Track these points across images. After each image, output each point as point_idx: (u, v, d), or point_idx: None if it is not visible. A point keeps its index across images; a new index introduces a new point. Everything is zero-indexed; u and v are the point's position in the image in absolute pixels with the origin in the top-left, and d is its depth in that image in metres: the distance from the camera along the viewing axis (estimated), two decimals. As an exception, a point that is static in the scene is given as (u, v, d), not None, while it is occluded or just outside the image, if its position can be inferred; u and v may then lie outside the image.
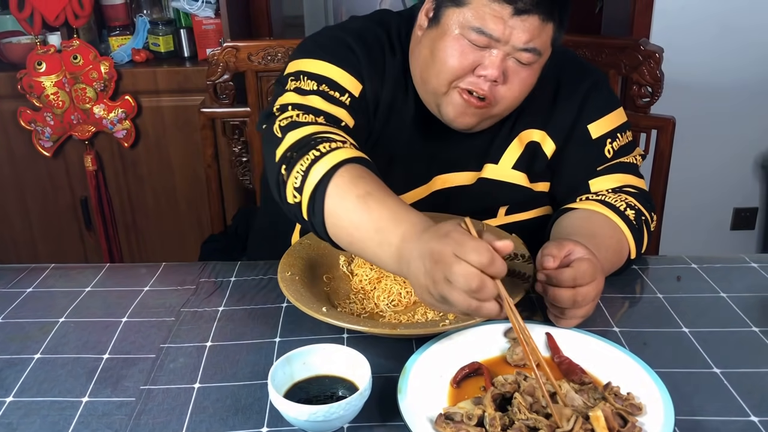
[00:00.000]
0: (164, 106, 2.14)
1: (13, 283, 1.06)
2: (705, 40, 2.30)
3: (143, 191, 2.25)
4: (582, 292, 0.83)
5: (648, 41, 1.42)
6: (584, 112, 1.08)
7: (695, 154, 2.39)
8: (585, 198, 1.05)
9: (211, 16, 2.14)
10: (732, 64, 2.32)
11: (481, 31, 0.93)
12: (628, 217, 1.00)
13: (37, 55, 2.05)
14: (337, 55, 1.03)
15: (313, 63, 1.02)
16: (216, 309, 0.97)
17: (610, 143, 1.08)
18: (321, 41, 1.07)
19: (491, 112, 1.00)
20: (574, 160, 1.09)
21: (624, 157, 1.09)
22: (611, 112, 1.09)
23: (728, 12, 2.27)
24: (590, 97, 1.09)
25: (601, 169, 1.07)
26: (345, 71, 1.01)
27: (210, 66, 1.49)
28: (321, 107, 0.98)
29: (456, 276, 0.70)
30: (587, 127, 1.08)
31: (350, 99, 1.01)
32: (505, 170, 1.09)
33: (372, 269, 0.99)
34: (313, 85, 1.00)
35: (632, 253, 1.00)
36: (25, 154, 2.18)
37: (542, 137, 1.09)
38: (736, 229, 2.58)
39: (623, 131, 1.10)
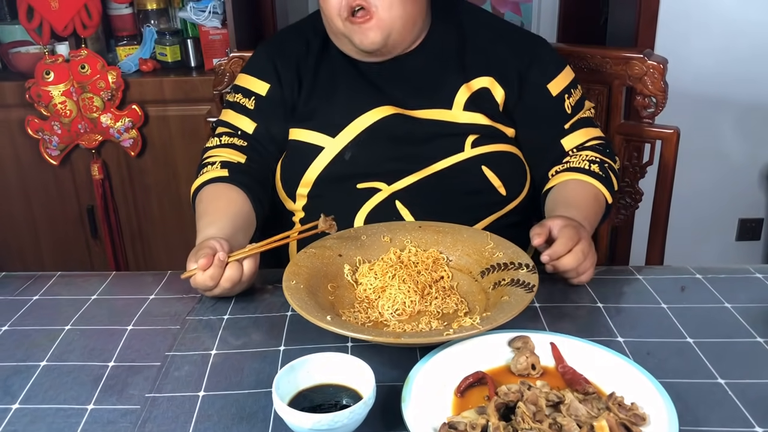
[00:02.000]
0: (171, 116, 2.15)
1: (20, 291, 1.07)
2: (710, 52, 2.30)
3: (149, 200, 2.26)
4: (578, 249, 0.99)
5: (652, 52, 1.42)
6: (538, 71, 1.23)
7: (700, 164, 2.39)
8: (555, 172, 1.22)
9: (217, 27, 2.16)
10: (737, 76, 2.33)
11: None
12: (593, 172, 1.18)
13: (45, 65, 2.07)
14: (250, 66, 1.29)
15: (239, 77, 1.30)
16: (221, 317, 0.97)
17: (568, 98, 1.24)
18: (248, 61, 1.32)
19: (382, 22, 1.14)
20: (539, 116, 1.24)
21: (581, 112, 1.25)
22: (563, 70, 1.25)
23: (733, 23, 2.28)
24: (538, 54, 1.25)
25: (568, 128, 1.24)
26: (253, 77, 1.27)
27: (216, 76, 1.50)
28: (229, 120, 1.27)
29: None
30: (547, 86, 1.23)
31: (255, 100, 1.25)
32: (459, 113, 1.21)
33: (376, 278, 1.00)
34: (234, 97, 1.27)
35: (608, 198, 1.18)
36: (32, 162, 2.20)
37: (490, 83, 1.22)
38: (742, 239, 2.57)
39: (575, 87, 1.26)
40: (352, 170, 1.19)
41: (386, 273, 1.00)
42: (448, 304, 0.97)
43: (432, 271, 1.02)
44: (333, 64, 1.25)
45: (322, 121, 1.22)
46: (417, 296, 0.96)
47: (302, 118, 1.24)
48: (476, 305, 0.97)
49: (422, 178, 1.18)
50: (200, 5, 2.14)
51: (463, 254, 1.06)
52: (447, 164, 1.19)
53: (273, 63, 1.26)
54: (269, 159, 1.26)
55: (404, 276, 0.99)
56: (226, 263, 0.97)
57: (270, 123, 1.25)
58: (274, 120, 1.25)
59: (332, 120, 1.21)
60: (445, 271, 1.03)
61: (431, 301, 0.97)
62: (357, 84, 1.23)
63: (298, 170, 1.22)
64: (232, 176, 1.17)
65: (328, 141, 1.20)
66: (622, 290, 1.04)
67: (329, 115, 1.22)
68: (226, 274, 0.97)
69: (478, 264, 1.03)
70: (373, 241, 1.08)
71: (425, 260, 1.04)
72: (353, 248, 1.06)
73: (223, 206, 1.13)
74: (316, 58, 1.26)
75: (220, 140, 1.24)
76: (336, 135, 1.20)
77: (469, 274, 1.03)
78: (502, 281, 0.96)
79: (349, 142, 1.20)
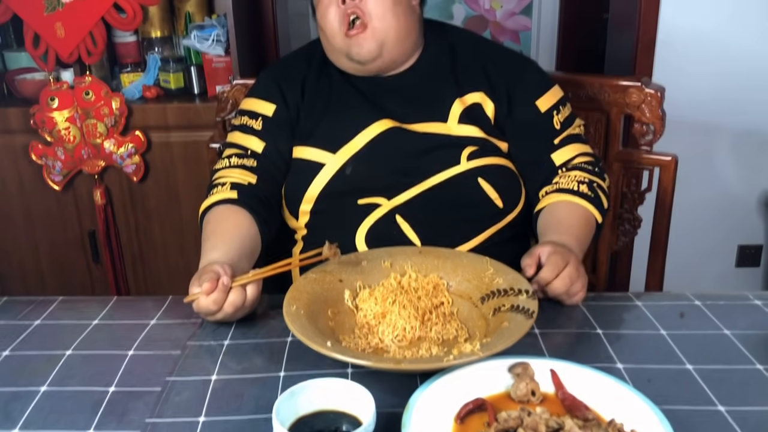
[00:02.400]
0: (173, 142, 2.17)
1: (22, 316, 1.07)
2: (706, 79, 2.32)
3: (151, 225, 2.27)
4: (566, 274, 1.02)
5: (650, 81, 1.44)
6: (526, 87, 1.27)
7: (699, 191, 2.40)
8: (545, 192, 1.24)
9: (221, 55, 2.18)
10: (733, 103, 2.35)
11: None
12: (582, 192, 1.20)
13: (50, 91, 2.09)
14: (255, 90, 1.33)
15: (244, 101, 1.34)
16: (221, 343, 0.98)
17: (556, 114, 1.28)
18: (252, 86, 1.36)
19: (377, 33, 1.20)
20: (529, 132, 1.27)
21: (570, 128, 1.28)
22: (551, 89, 1.29)
23: (729, 51, 2.30)
24: (526, 72, 1.30)
25: (558, 143, 1.27)
26: (259, 99, 1.30)
27: (219, 102, 1.52)
28: (238, 141, 1.28)
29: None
30: (535, 103, 1.27)
31: (262, 121, 1.28)
32: (454, 126, 1.25)
33: (377, 304, 1.00)
34: (240, 120, 1.30)
35: (597, 217, 1.20)
36: (36, 187, 2.21)
37: (481, 98, 1.26)
38: (741, 266, 2.57)
39: (563, 104, 1.30)
40: (352, 185, 1.22)
41: (387, 298, 1.00)
42: (448, 330, 0.97)
43: (432, 296, 1.03)
44: (332, 83, 1.30)
45: (322, 137, 1.25)
46: (417, 322, 0.97)
47: (303, 135, 1.27)
48: (476, 331, 0.97)
49: (421, 192, 1.21)
50: (204, 33, 2.17)
51: (463, 280, 1.06)
52: (444, 177, 1.21)
53: (278, 84, 1.30)
54: (279, 178, 1.27)
55: (405, 302, 0.99)
56: (230, 288, 0.98)
57: (278, 142, 1.27)
58: (282, 139, 1.27)
59: (333, 136, 1.24)
60: (445, 297, 1.03)
61: (431, 327, 0.97)
62: (355, 100, 1.27)
63: (300, 187, 1.24)
64: (241, 198, 1.18)
65: (329, 157, 1.23)
66: (621, 316, 1.05)
67: (329, 132, 1.25)
68: (229, 299, 0.97)
69: (478, 290, 1.04)
70: (373, 266, 1.09)
71: (426, 286, 1.04)
72: (354, 273, 1.07)
73: (229, 229, 1.14)
74: (317, 77, 1.30)
75: (230, 161, 1.26)
76: (337, 151, 1.23)
77: (469, 299, 1.04)
78: (502, 307, 0.97)
79: (349, 158, 1.22)
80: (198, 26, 2.20)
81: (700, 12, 2.27)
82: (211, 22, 2.21)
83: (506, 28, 3.54)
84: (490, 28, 3.54)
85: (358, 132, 1.23)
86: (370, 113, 1.25)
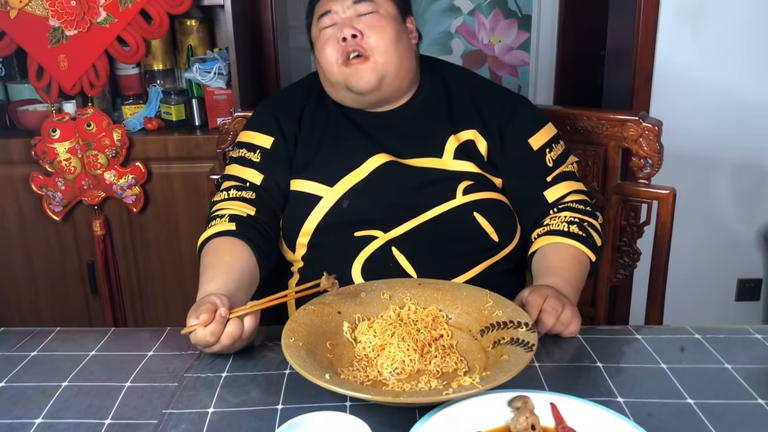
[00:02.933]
0: (174, 173, 2.18)
1: (18, 347, 1.07)
2: (703, 113, 2.35)
3: (150, 256, 2.27)
4: (549, 307, 1.03)
5: (647, 115, 1.45)
6: (518, 126, 1.29)
7: (697, 224, 2.41)
8: (537, 235, 1.25)
9: (222, 87, 2.21)
10: (730, 137, 2.36)
11: (324, 14, 1.25)
12: (573, 233, 1.21)
13: (52, 122, 2.11)
14: (252, 123, 1.34)
15: (242, 134, 1.34)
16: (219, 375, 0.97)
17: (549, 152, 1.29)
18: (249, 119, 1.36)
19: (378, 65, 1.22)
20: (522, 169, 1.28)
21: (563, 165, 1.30)
22: (544, 126, 1.31)
23: (727, 85, 2.33)
24: (518, 111, 1.31)
25: (551, 180, 1.28)
26: (256, 132, 1.31)
27: (220, 134, 1.53)
28: (236, 174, 1.29)
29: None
30: (528, 141, 1.29)
31: (260, 153, 1.28)
32: (449, 161, 1.26)
33: (375, 336, 1.00)
34: (238, 153, 1.31)
35: (590, 256, 1.21)
36: (35, 218, 2.21)
37: (474, 135, 1.28)
38: (741, 300, 2.57)
39: (556, 142, 1.31)
40: (349, 218, 1.22)
41: (385, 331, 1.00)
42: (447, 363, 0.97)
43: (431, 329, 1.02)
44: (329, 116, 1.31)
45: (319, 171, 1.25)
46: (416, 355, 0.96)
47: (300, 168, 1.27)
48: (476, 364, 0.96)
49: (417, 225, 1.22)
50: (206, 66, 2.19)
51: (462, 312, 1.06)
52: (440, 211, 1.22)
53: (275, 117, 1.31)
54: (277, 210, 1.28)
55: (404, 334, 0.99)
56: (227, 319, 0.97)
57: (276, 174, 1.28)
58: (280, 171, 1.28)
59: (329, 169, 1.25)
60: (444, 330, 1.03)
61: (431, 359, 0.97)
62: (352, 134, 1.29)
63: (298, 220, 1.25)
64: (239, 230, 1.18)
65: (326, 190, 1.24)
66: (621, 350, 1.04)
67: (326, 165, 1.26)
68: (226, 331, 0.97)
69: (477, 322, 1.03)
70: (372, 298, 1.08)
71: (425, 318, 1.04)
72: (352, 305, 1.07)
73: (227, 261, 1.14)
74: (314, 109, 1.32)
75: (228, 193, 1.26)
76: (334, 184, 1.24)
77: (468, 332, 1.03)
78: (501, 340, 0.96)
79: (346, 191, 1.23)
80: (200, 59, 2.23)
81: (696, 47, 2.30)
82: (213, 55, 2.24)
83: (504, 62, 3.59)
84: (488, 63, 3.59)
85: (355, 166, 1.24)
86: (366, 147, 1.26)
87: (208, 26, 2.35)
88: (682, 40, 2.29)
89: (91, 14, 2.02)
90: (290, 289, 1.10)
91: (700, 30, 2.29)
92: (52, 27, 2.03)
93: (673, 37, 2.29)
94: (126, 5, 2.01)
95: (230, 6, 2.10)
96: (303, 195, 1.25)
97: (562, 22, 3.36)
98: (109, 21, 2.03)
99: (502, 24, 3.51)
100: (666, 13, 2.27)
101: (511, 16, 3.49)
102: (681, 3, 2.26)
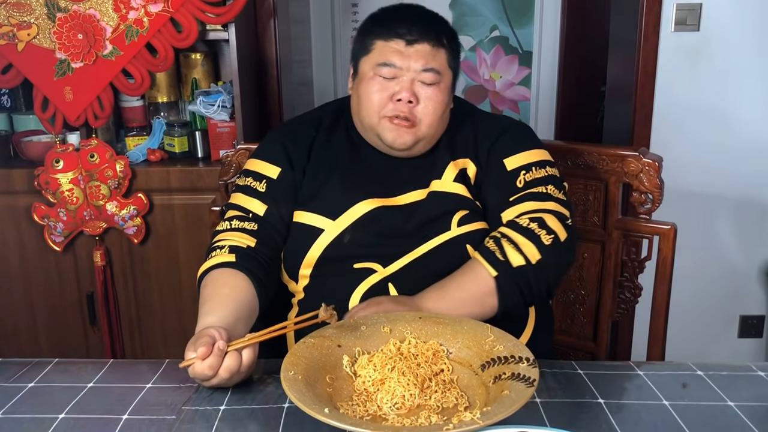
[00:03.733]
0: (176, 204, 2.19)
1: (15, 378, 1.06)
2: (705, 149, 2.36)
3: (149, 288, 2.26)
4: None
5: (647, 150, 1.46)
6: (500, 146, 1.28)
7: (699, 260, 2.40)
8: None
9: (226, 120, 2.22)
10: (731, 173, 2.38)
11: (386, 65, 1.22)
12: (482, 246, 1.18)
13: (55, 153, 2.12)
14: (261, 151, 1.34)
15: (250, 162, 1.34)
16: (217, 408, 0.96)
17: (524, 174, 1.25)
18: (258, 147, 1.36)
19: (419, 132, 1.23)
20: (493, 190, 1.27)
21: (536, 188, 1.23)
22: (529, 150, 1.28)
23: (727, 122, 2.34)
24: (506, 133, 1.30)
25: (512, 200, 1.23)
26: (263, 161, 1.31)
27: (223, 166, 1.54)
28: (240, 203, 1.28)
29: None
30: (503, 161, 1.27)
31: (266, 183, 1.28)
32: (449, 183, 1.26)
33: (375, 370, 0.99)
34: (245, 181, 1.30)
35: (489, 271, 1.14)
36: (36, 248, 2.21)
37: (467, 163, 1.29)
38: (744, 336, 2.55)
39: (541, 166, 1.26)
40: (350, 252, 1.23)
41: (386, 365, 0.99)
42: (448, 398, 0.96)
43: (432, 363, 1.01)
44: (338, 152, 1.31)
45: (323, 204, 1.26)
46: (417, 389, 0.95)
47: (305, 200, 1.28)
48: (476, 399, 0.95)
49: (413, 260, 1.23)
50: (209, 99, 2.22)
51: (463, 346, 1.05)
52: (436, 244, 1.23)
53: (284, 147, 1.31)
54: (279, 241, 1.28)
55: (404, 368, 0.98)
56: (226, 352, 0.97)
57: (280, 205, 1.28)
58: (285, 203, 1.28)
59: (333, 204, 1.26)
60: (445, 364, 1.02)
61: (431, 394, 0.96)
62: (359, 171, 1.29)
63: (300, 251, 1.25)
64: (239, 262, 1.18)
65: (329, 223, 1.24)
66: (623, 386, 1.03)
67: (330, 199, 1.26)
68: (224, 364, 0.96)
69: (478, 357, 1.03)
70: (372, 332, 1.08)
71: (425, 352, 1.03)
72: (352, 339, 1.06)
73: (226, 293, 1.14)
74: (324, 143, 1.32)
75: (231, 224, 1.26)
76: (336, 218, 1.24)
77: (469, 367, 1.03)
78: (502, 375, 0.96)
79: (348, 226, 1.24)
80: (204, 92, 2.25)
81: (696, 84, 2.32)
82: (217, 88, 2.26)
83: (506, 97, 3.62)
84: (489, 98, 3.62)
85: (356, 201, 1.25)
86: (369, 188, 1.27)
87: (213, 60, 2.38)
88: (682, 77, 2.32)
89: (98, 47, 2.05)
90: (289, 321, 1.09)
91: (699, 66, 2.31)
92: (59, 59, 2.05)
93: (673, 74, 2.31)
94: (132, 39, 2.04)
95: (235, 40, 2.13)
96: (306, 227, 1.26)
97: (563, 58, 3.40)
98: (115, 54, 2.06)
99: (503, 60, 3.55)
100: (665, 49, 2.30)
101: (512, 53, 3.53)
102: (680, 40, 2.29)
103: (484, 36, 3.52)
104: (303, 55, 3.42)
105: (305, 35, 3.44)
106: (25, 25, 2.03)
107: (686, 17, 2.27)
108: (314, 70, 3.49)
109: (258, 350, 1.01)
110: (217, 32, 2.14)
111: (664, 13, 2.26)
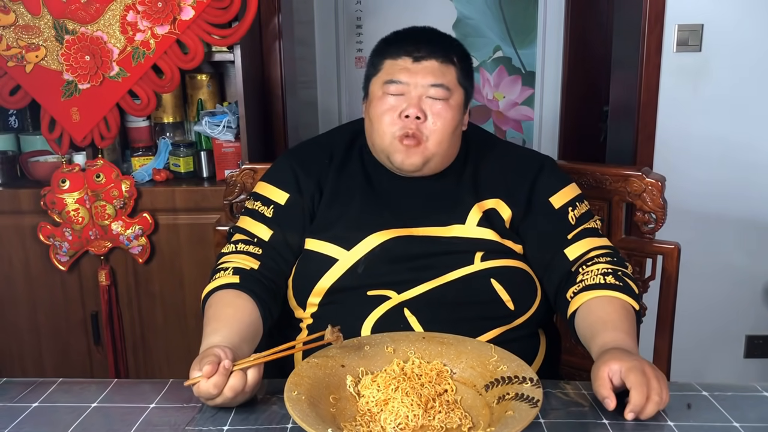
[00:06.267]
0: (180, 224, 2.19)
1: (19, 398, 1.06)
2: (707, 169, 2.37)
3: (154, 308, 2.27)
4: (654, 392, 0.94)
5: (650, 170, 1.47)
6: (542, 187, 1.29)
7: (704, 280, 2.40)
8: (572, 294, 1.18)
9: (231, 140, 2.24)
10: (734, 192, 2.38)
11: (393, 81, 1.22)
12: (611, 284, 1.16)
13: (61, 173, 2.14)
14: (271, 175, 1.33)
15: (259, 185, 1.34)
16: (220, 428, 0.96)
17: (572, 210, 1.27)
18: (269, 169, 1.36)
19: (428, 151, 1.22)
20: (543, 229, 1.26)
21: (586, 223, 1.27)
22: (566, 186, 1.30)
23: (730, 142, 2.35)
24: (543, 171, 1.30)
25: (571, 237, 1.25)
26: (274, 187, 1.31)
27: (228, 186, 1.55)
28: (247, 227, 1.29)
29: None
30: (549, 200, 1.27)
31: (274, 209, 1.28)
32: (472, 228, 1.25)
33: (379, 390, 0.99)
34: (253, 205, 1.31)
35: (634, 305, 1.15)
36: (41, 268, 2.22)
37: (497, 203, 1.27)
38: (750, 357, 2.54)
39: (580, 201, 1.30)
40: (364, 281, 1.21)
41: (389, 385, 0.99)
42: (451, 418, 0.95)
43: (436, 383, 1.01)
44: (353, 180, 1.30)
45: (337, 233, 1.25)
46: (420, 410, 0.95)
47: (318, 229, 1.27)
48: (480, 420, 0.95)
49: (431, 288, 1.20)
50: (215, 120, 2.23)
51: (467, 367, 1.05)
52: (456, 276, 1.21)
53: (294, 173, 1.30)
54: (283, 266, 1.27)
55: (407, 389, 0.98)
56: (231, 372, 0.97)
57: (287, 232, 1.27)
58: (291, 229, 1.28)
59: (347, 234, 1.24)
60: (449, 384, 1.02)
61: (435, 415, 0.96)
62: (374, 198, 1.28)
63: (311, 279, 1.24)
64: (242, 283, 1.18)
65: (343, 253, 1.23)
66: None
67: (345, 229, 1.25)
68: (229, 383, 0.96)
69: (482, 377, 1.02)
70: (376, 352, 1.08)
71: (429, 372, 1.03)
72: (356, 358, 1.06)
73: (231, 314, 1.14)
74: (338, 170, 1.31)
75: (236, 247, 1.26)
76: (350, 248, 1.23)
77: (473, 387, 1.02)
78: (506, 395, 0.95)
79: (362, 257, 1.22)
80: (209, 113, 2.27)
81: (698, 104, 2.33)
82: (223, 109, 2.28)
83: (509, 117, 3.64)
84: (492, 118, 3.63)
85: (372, 232, 1.24)
86: (386, 218, 1.25)
87: (218, 81, 2.41)
88: (685, 97, 2.33)
89: (105, 68, 2.07)
90: (293, 342, 1.09)
91: (701, 86, 2.32)
92: (66, 81, 2.08)
93: (676, 94, 2.33)
94: (138, 60, 2.06)
95: (240, 62, 2.15)
96: (318, 255, 1.24)
97: (566, 78, 3.42)
98: (122, 75, 2.08)
99: (507, 80, 3.57)
100: (668, 70, 2.31)
101: (516, 73, 3.55)
102: (682, 61, 2.30)
103: (487, 56, 3.55)
104: (308, 76, 3.45)
105: (310, 57, 3.47)
106: (34, 47, 2.06)
107: (688, 38, 2.28)
108: (319, 91, 3.52)
109: (263, 370, 1.01)
110: (222, 54, 2.17)
111: (666, 34, 2.28)
